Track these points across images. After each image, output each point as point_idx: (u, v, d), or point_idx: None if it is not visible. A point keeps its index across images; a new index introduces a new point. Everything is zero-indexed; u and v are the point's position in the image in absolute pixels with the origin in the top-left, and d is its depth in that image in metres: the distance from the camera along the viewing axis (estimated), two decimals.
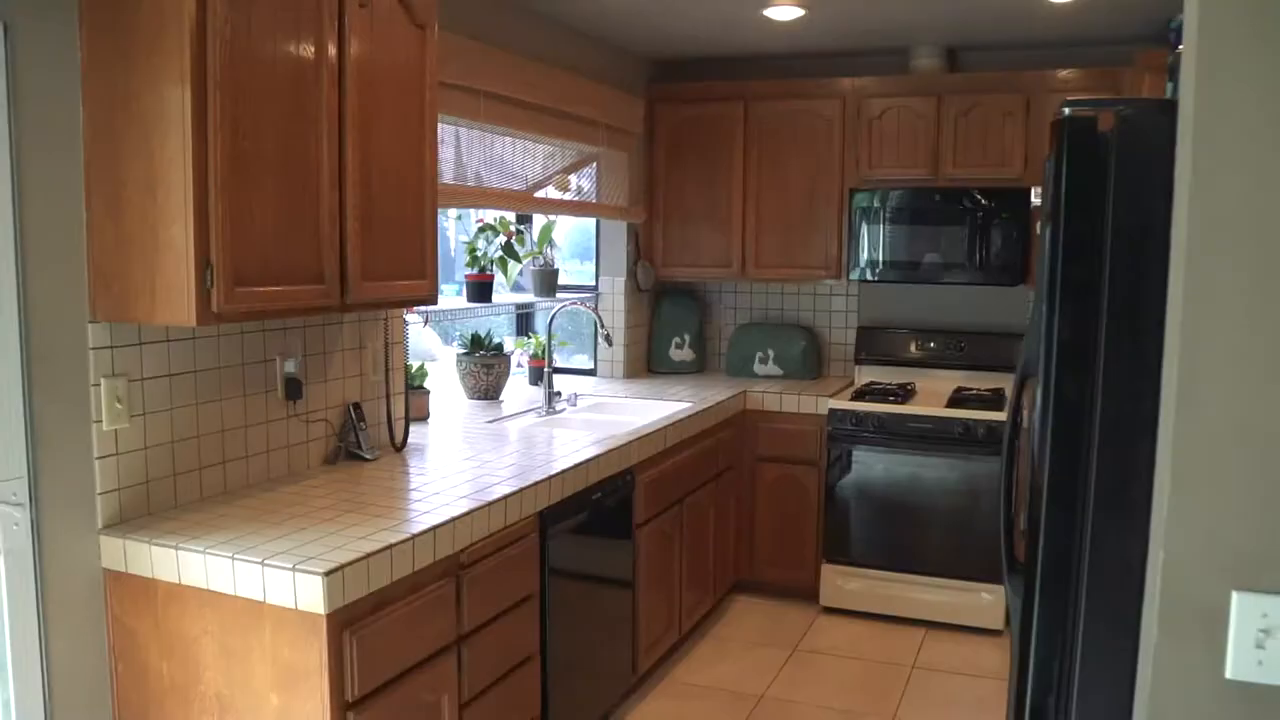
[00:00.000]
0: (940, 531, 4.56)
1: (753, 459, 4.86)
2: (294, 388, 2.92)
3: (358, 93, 2.59)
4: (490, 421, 3.90)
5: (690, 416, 4.13)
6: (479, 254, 4.36)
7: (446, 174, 3.73)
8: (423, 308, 3.51)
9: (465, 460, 3.18)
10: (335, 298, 2.58)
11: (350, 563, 2.19)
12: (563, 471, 3.09)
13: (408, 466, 3.11)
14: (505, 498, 2.78)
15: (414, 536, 2.39)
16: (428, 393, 3.86)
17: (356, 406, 3.17)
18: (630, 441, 3.56)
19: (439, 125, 3.03)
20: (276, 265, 2.38)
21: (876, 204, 4.83)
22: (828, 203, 4.95)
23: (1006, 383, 4.85)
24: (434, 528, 2.47)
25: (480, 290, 4.35)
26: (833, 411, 4.67)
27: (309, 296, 2.49)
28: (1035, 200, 4.59)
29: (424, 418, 3.84)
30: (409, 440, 3.38)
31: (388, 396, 3.30)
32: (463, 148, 3.84)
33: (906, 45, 4.87)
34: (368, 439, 3.18)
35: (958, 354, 5.03)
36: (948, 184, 4.74)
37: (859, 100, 4.86)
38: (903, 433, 4.57)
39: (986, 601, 4.51)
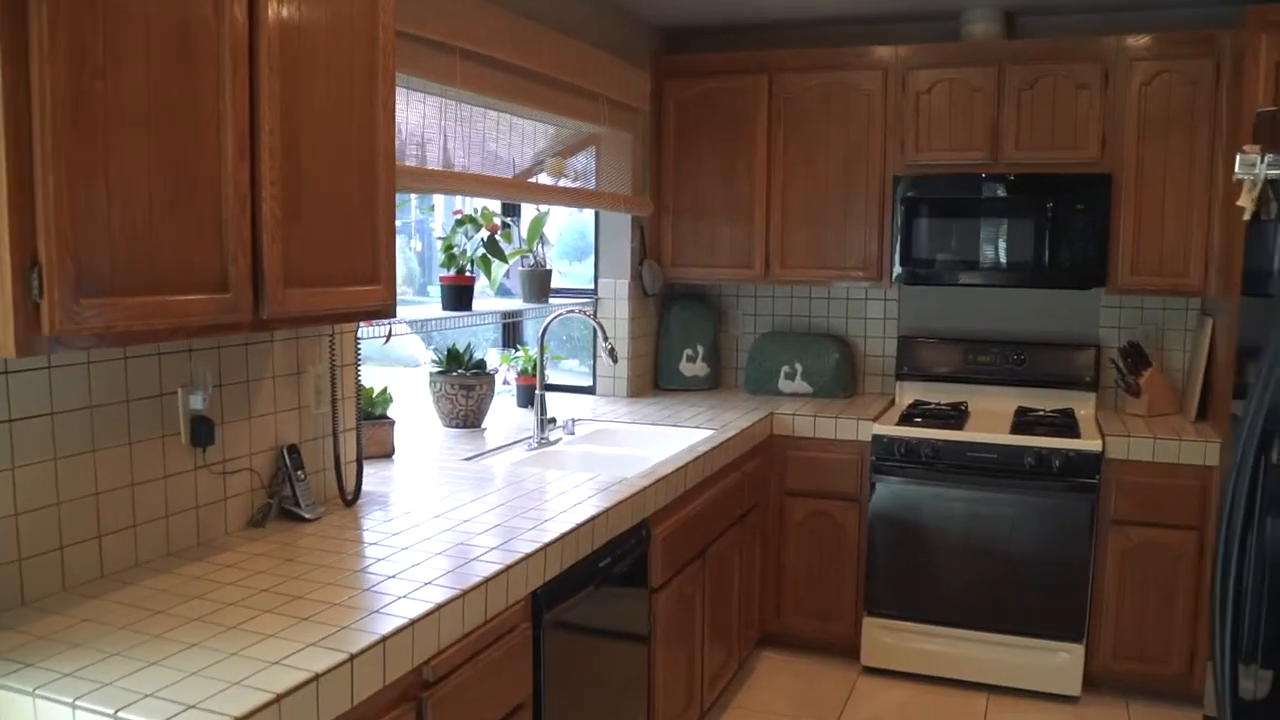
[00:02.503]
0: (1005, 579, 3.85)
1: (781, 492, 4.14)
2: (203, 430, 2.18)
3: (278, 23, 1.86)
4: (470, 458, 3.16)
5: (713, 450, 3.40)
6: (457, 252, 3.63)
7: (410, 152, 2.99)
8: (382, 320, 2.77)
9: (435, 519, 2.44)
10: (245, 311, 1.84)
11: (253, 713, 1.46)
12: (562, 537, 2.36)
13: (359, 529, 2.37)
14: (487, 581, 2.04)
15: (354, 656, 1.66)
16: (392, 423, 3.12)
17: (292, 450, 2.44)
18: (644, 488, 2.83)
19: (404, 90, 2.31)
20: (152, 265, 1.64)
21: (924, 193, 4.11)
22: (867, 192, 4.23)
23: (1075, 401, 4.15)
24: (385, 638, 1.73)
25: (458, 296, 3.61)
26: (878, 438, 3.95)
27: (206, 310, 1.75)
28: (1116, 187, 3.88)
29: (388, 454, 3.10)
30: (363, 489, 2.65)
31: (335, 435, 2.57)
32: (434, 119, 3.11)
33: (958, 8, 4.15)
34: (307, 492, 2.44)
35: (1017, 368, 4.32)
36: (1009, 169, 4.02)
37: (903, 72, 4.14)
38: (962, 463, 3.85)
39: (1062, 662, 3.80)
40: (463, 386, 3.56)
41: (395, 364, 4.34)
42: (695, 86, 4.40)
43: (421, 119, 3.03)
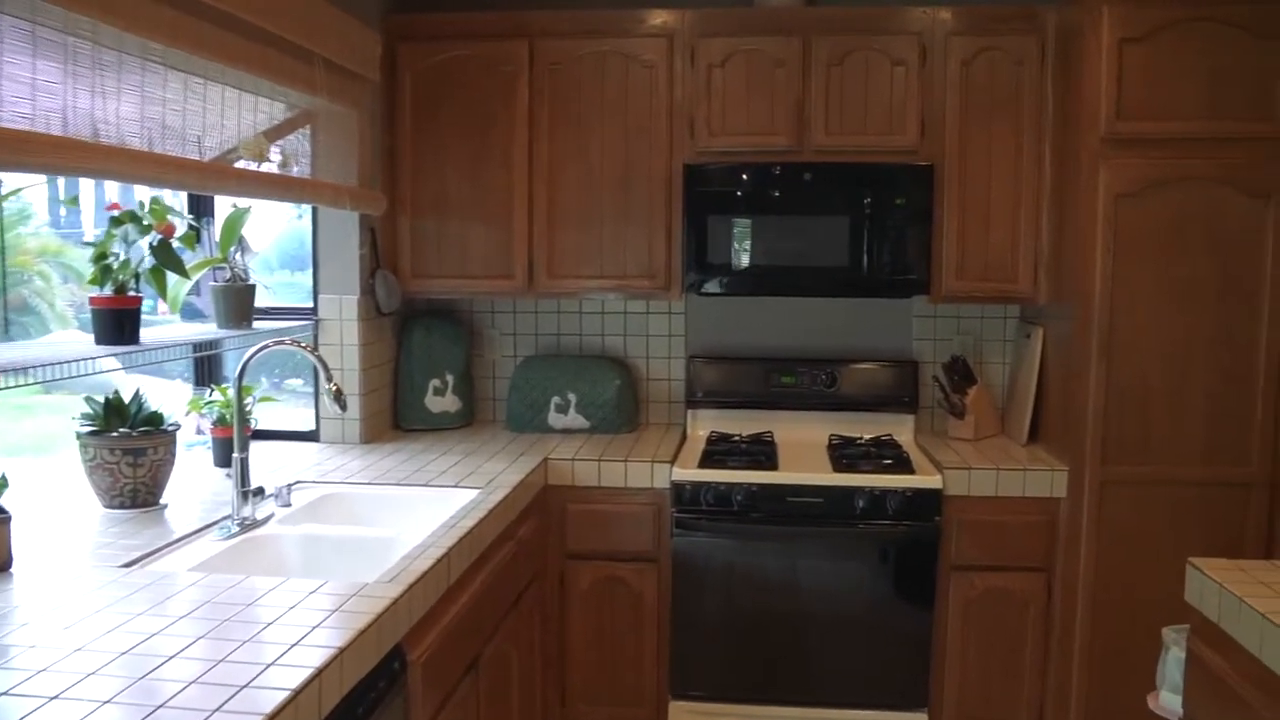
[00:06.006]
0: (835, 644, 3.22)
1: (561, 556, 3.33)
2: None
3: None
4: (131, 563, 2.15)
5: (483, 520, 2.55)
6: (113, 263, 2.59)
7: (21, 112, 1.97)
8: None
9: (49, 706, 1.46)
10: None
11: None
12: (276, 714, 1.44)
13: None
14: None
15: None
16: (4, 520, 2.06)
17: None
18: (395, 599, 1.95)
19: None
20: None
21: (719, 186, 3.43)
22: (651, 185, 3.50)
23: (893, 426, 3.60)
24: None
25: (117, 324, 2.58)
26: (678, 485, 3.23)
27: None
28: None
29: (3, 566, 2.05)
30: None
31: None
32: (56, 67, 2.08)
33: None
34: None
35: (826, 390, 3.72)
36: (818, 157, 3.41)
37: (692, 41, 3.45)
38: (780, 511, 3.19)
39: None
40: (127, 452, 2.53)
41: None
42: (437, 53, 3.52)
43: (32, 67, 2.00)
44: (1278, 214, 2.99)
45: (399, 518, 2.78)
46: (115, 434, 2.53)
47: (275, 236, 3.89)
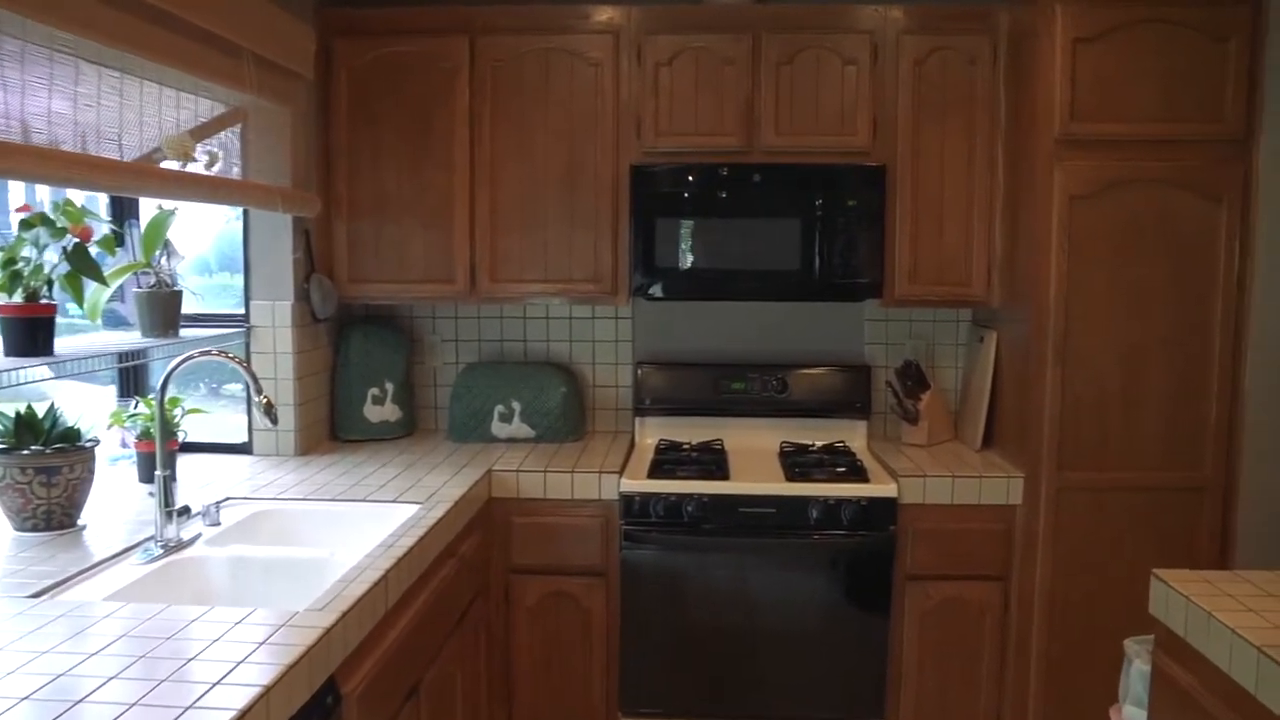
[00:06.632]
0: (790, 657, 3.14)
1: (505, 571, 3.21)
2: None
3: None
4: (41, 593, 2.00)
5: (423, 538, 2.43)
6: (24, 268, 2.43)
7: None
8: None
9: None
10: None
11: None
12: None
13: None
14: None
15: None
16: None
17: None
18: (327, 629, 1.82)
19: None
20: None
21: (667, 187, 3.33)
22: (597, 186, 3.40)
23: (845, 432, 3.53)
24: None
25: (29, 333, 2.42)
26: (627, 496, 3.12)
27: None
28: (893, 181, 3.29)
29: None
30: None
31: None
32: None
33: None
34: None
35: (777, 396, 3.64)
36: (769, 158, 3.33)
37: (639, 38, 3.35)
38: (733, 522, 3.10)
39: None
40: (40, 470, 2.36)
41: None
42: (375, 49, 3.39)
43: None
44: (1230, 216, 2.96)
45: (335, 536, 2.65)
46: (26, 451, 2.37)
47: (214, 237, 3.72)
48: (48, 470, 2.38)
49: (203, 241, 3.72)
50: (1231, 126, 2.93)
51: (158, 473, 2.38)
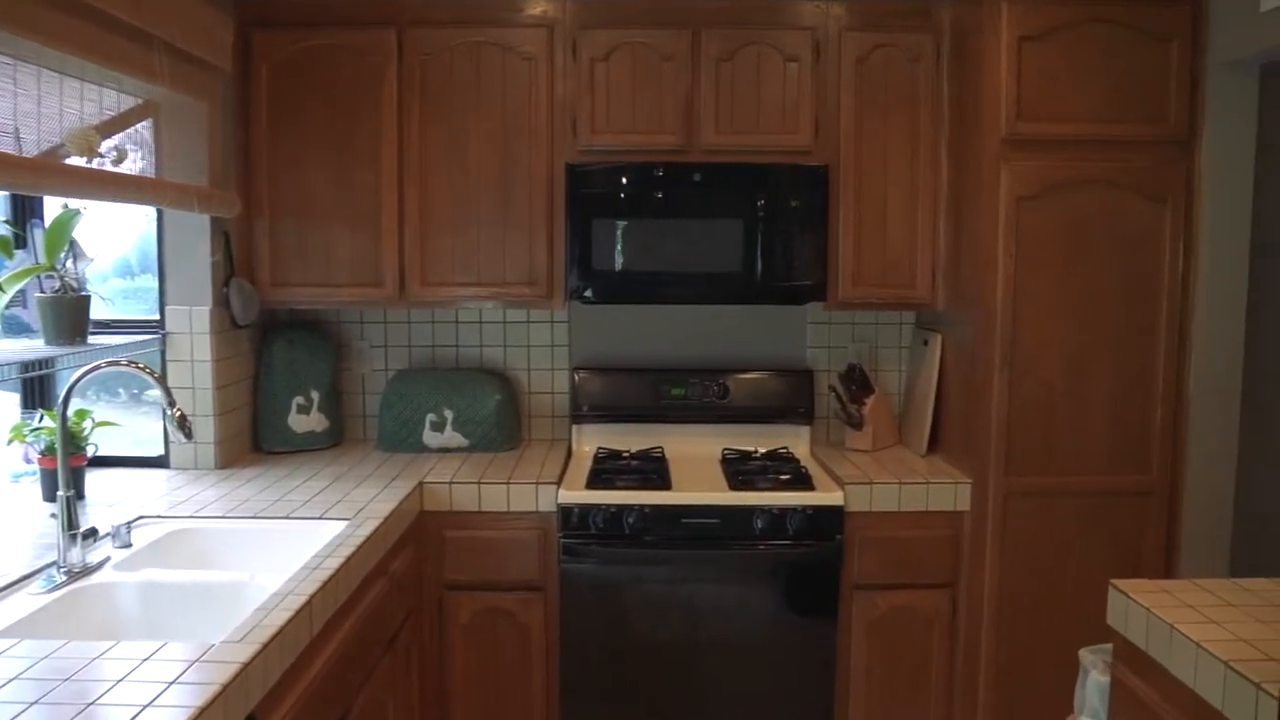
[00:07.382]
0: (736, 673, 3.04)
1: (439, 587, 3.07)
2: None
3: None
4: None
5: (350, 558, 2.29)
6: None
7: None
8: None
9: None
10: None
11: None
12: None
13: None
14: None
15: None
16: None
17: None
18: (245, 663, 1.67)
19: None
20: None
21: (604, 187, 3.22)
22: (531, 186, 3.27)
23: (788, 438, 3.45)
24: None
25: None
26: (565, 508, 3.00)
27: None
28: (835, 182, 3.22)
29: None
30: None
31: None
32: None
33: None
34: None
35: (719, 402, 3.55)
36: (709, 157, 3.24)
37: (573, 32, 3.23)
38: (676, 533, 3.00)
39: None
40: None
41: None
42: (296, 41, 3.22)
43: None
44: (1174, 217, 2.94)
45: (256, 557, 2.49)
46: None
47: (136, 238, 3.51)
48: None
49: (124, 242, 3.52)
50: (1174, 127, 2.91)
51: (60, 493, 2.20)
